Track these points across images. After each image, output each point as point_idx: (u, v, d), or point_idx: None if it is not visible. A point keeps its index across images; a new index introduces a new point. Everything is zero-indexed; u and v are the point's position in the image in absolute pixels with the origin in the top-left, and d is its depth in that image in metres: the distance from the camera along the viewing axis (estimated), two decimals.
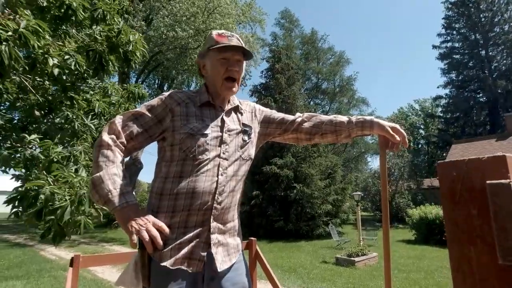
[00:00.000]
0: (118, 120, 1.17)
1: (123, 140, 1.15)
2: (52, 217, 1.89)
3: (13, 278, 6.15)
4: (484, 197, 0.48)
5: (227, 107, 1.29)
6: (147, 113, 1.18)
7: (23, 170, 2.65)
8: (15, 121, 3.38)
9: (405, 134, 1.24)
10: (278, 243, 11.23)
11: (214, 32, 1.26)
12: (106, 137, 1.12)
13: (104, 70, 3.12)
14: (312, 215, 12.45)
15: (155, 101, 1.22)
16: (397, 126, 1.24)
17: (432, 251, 9.45)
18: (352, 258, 7.32)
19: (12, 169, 2.84)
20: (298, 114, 1.43)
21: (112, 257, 2.61)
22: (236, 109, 1.32)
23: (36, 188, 1.85)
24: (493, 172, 0.48)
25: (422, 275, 6.52)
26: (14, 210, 2.60)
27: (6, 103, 3.35)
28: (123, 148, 1.15)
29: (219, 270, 1.11)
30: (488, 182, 0.44)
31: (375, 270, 6.95)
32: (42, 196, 1.85)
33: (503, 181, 0.44)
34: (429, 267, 7.18)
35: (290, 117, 1.40)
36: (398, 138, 1.22)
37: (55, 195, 1.91)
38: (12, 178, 2.61)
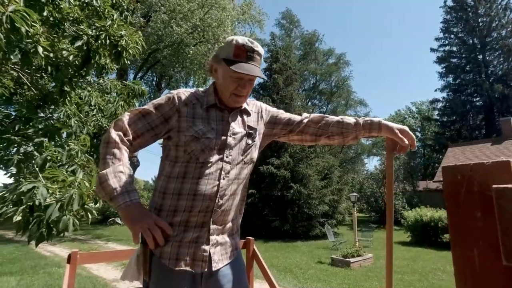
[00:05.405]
0: (126, 117, 1.18)
1: (130, 137, 1.16)
2: (41, 214, 1.87)
3: (6, 274, 6.11)
4: (487, 200, 0.50)
5: (234, 109, 1.26)
6: (154, 111, 1.18)
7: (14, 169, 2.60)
8: (13, 116, 3.35)
9: (413, 136, 1.20)
10: (274, 243, 11.26)
11: (235, 41, 1.16)
12: (113, 134, 1.12)
13: (91, 63, 2.92)
14: (308, 215, 12.49)
15: (162, 99, 1.21)
16: (406, 128, 1.21)
17: (426, 253, 9.53)
18: (348, 259, 7.37)
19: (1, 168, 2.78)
20: (305, 114, 1.39)
21: (109, 255, 2.61)
22: (243, 111, 1.29)
23: (31, 188, 1.83)
24: (496, 177, 0.49)
25: (417, 276, 6.57)
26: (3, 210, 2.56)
27: (3, 98, 3.30)
28: (130, 145, 1.16)
29: (214, 269, 1.13)
30: (494, 186, 0.46)
31: (370, 271, 6.99)
32: (37, 193, 1.83)
33: (509, 185, 0.45)
34: (424, 269, 7.24)
35: (297, 118, 1.37)
36: (406, 141, 1.19)
37: (48, 191, 1.90)
38: (6, 174, 2.59)
